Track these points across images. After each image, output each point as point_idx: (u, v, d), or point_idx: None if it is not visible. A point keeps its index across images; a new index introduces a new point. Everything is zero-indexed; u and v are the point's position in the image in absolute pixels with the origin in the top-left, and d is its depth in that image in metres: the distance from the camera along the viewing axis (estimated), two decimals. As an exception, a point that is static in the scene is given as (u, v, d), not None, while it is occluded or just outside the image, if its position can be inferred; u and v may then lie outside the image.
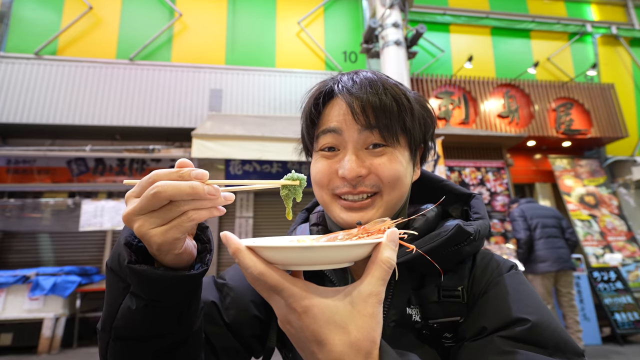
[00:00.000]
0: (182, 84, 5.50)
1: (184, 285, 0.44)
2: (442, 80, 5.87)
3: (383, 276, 0.38)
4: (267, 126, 4.89)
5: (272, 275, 0.37)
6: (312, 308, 0.36)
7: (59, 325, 4.02)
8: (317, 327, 0.36)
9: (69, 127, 5.14)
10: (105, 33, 5.56)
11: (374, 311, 0.37)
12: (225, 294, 0.63)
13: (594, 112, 6.21)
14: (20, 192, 5.12)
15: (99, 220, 4.66)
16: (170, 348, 0.47)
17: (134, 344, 0.45)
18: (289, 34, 6.17)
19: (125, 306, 0.43)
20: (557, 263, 3.62)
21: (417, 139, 0.61)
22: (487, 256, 0.61)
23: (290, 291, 0.37)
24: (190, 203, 0.39)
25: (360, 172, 0.55)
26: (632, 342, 4.23)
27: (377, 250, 0.39)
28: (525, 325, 0.48)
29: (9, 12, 5.33)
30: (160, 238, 0.39)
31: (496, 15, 6.88)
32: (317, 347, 0.36)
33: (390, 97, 0.56)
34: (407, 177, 0.59)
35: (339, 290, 0.38)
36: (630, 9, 7.55)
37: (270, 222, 5.53)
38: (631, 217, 5.99)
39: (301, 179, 0.48)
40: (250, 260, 0.37)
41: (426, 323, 0.55)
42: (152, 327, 0.45)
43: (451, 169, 5.36)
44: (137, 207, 0.38)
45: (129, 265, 0.41)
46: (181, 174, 0.39)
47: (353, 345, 0.36)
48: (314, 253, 0.37)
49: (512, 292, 0.53)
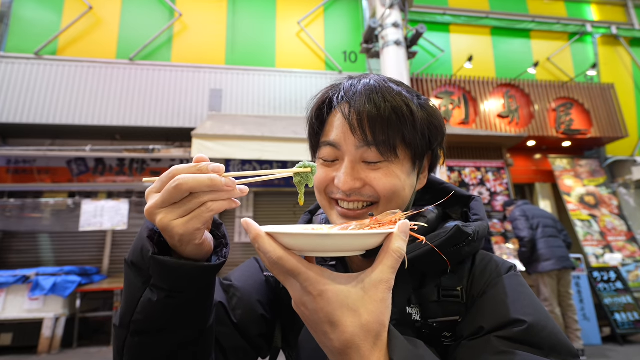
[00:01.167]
0: (182, 84, 5.50)
1: (203, 276, 0.46)
2: (442, 80, 5.87)
3: (393, 265, 0.40)
4: (267, 126, 4.89)
5: (290, 260, 0.39)
6: (326, 292, 0.39)
7: (59, 325, 4.02)
8: (330, 310, 0.38)
9: (69, 127, 5.14)
10: (105, 33, 5.56)
11: (384, 296, 0.40)
12: (232, 294, 0.64)
13: (594, 112, 6.21)
14: (20, 192, 5.12)
15: (99, 220, 4.66)
16: (186, 343, 0.49)
17: (152, 337, 0.47)
18: (289, 34, 6.17)
19: (145, 299, 0.45)
20: (560, 261, 3.66)
21: (420, 149, 0.59)
22: (486, 257, 0.62)
23: (306, 275, 0.39)
24: (209, 194, 0.42)
25: (354, 185, 0.56)
26: (632, 342, 4.23)
27: (389, 240, 0.41)
28: (522, 327, 0.48)
29: (9, 12, 5.33)
30: (182, 229, 0.41)
31: (496, 15, 6.88)
32: (330, 327, 0.39)
33: (389, 109, 0.55)
34: (407, 189, 0.59)
35: (352, 277, 0.41)
36: (630, 9, 7.55)
37: (270, 222, 5.51)
38: (631, 217, 5.99)
39: (312, 167, 0.51)
40: (270, 246, 0.39)
41: (426, 322, 0.55)
42: (172, 320, 0.47)
43: (451, 169, 5.36)
44: (159, 201, 0.41)
45: (153, 256, 0.43)
46: (199, 168, 0.42)
47: (364, 327, 0.38)
48: (330, 240, 0.39)
49: (510, 293, 0.54)
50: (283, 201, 5.69)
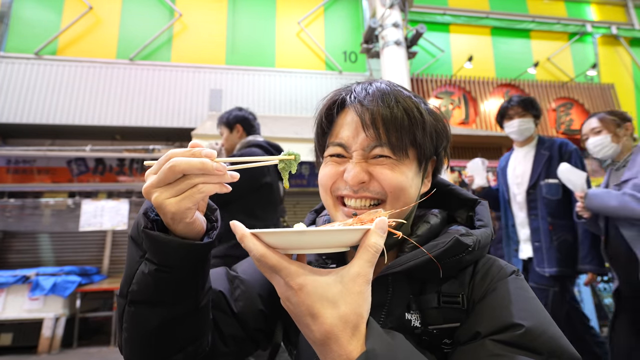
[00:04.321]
0: (182, 84, 5.50)
1: (191, 253, 0.49)
2: (442, 80, 5.87)
3: (370, 259, 0.42)
4: (267, 126, 4.88)
5: (272, 257, 0.42)
6: (306, 285, 0.41)
7: (59, 325, 4.01)
8: (311, 302, 0.41)
9: (69, 127, 5.14)
10: (105, 33, 5.56)
11: (361, 289, 0.41)
12: (235, 285, 0.66)
13: (593, 112, 6.17)
14: (20, 192, 5.12)
15: (99, 220, 4.66)
16: (176, 319, 0.52)
17: (144, 308, 0.50)
18: (289, 34, 6.17)
19: (140, 271, 0.49)
20: None
21: (428, 152, 0.60)
22: (488, 262, 0.60)
23: (287, 270, 0.42)
24: (201, 177, 0.45)
25: (363, 178, 0.57)
26: (632, 342, 4.23)
27: (366, 236, 0.43)
28: (518, 331, 0.47)
29: (9, 12, 5.33)
30: (174, 207, 0.45)
31: (496, 15, 6.88)
32: (311, 319, 0.41)
33: (401, 110, 0.57)
34: (413, 188, 0.59)
35: (331, 271, 0.43)
36: (630, 9, 7.55)
37: (270, 222, 5.53)
38: (631, 217, 5.99)
39: (296, 155, 0.55)
40: (253, 245, 0.42)
41: (426, 329, 0.55)
42: (162, 294, 0.50)
43: (451, 169, 5.36)
44: (155, 181, 0.45)
45: (144, 230, 0.47)
46: (193, 152, 0.45)
47: (342, 318, 0.40)
48: (307, 237, 0.42)
49: (509, 297, 0.53)
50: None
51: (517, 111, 2.39)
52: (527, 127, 2.37)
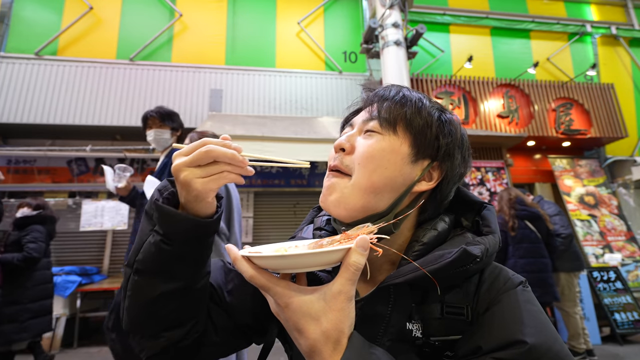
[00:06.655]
0: (182, 84, 5.50)
1: (195, 228, 0.52)
2: (442, 80, 5.87)
3: (350, 277, 0.44)
4: (267, 126, 4.89)
5: (260, 279, 0.46)
6: (292, 303, 0.45)
7: (59, 325, 4.02)
8: (296, 319, 0.44)
9: (69, 127, 5.14)
10: (105, 33, 5.56)
11: (342, 306, 0.44)
12: (229, 279, 0.67)
13: (593, 112, 6.21)
14: (20, 192, 5.12)
15: (99, 220, 4.66)
16: (174, 293, 0.54)
17: (147, 278, 0.53)
18: (289, 34, 6.17)
19: (148, 242, 0.53)
20: (580, 260, 3.64)
21: (427, 141, 0.59)
22: (495, 271, 0.57)
23: (274, 290, 0.45)
24: (229, 166, 0.50)
25: (343, 144, 0.61)
26: (631, 342, 4.23)
27: (347, 255, 0.45)
28: (522, 348, 0.45)
29: (9, 12, 5.34)
30: (201, 186, 0.49)
31: (496, 15, 6.88)
32: (297, 334, 0.45)
33: (401, 94, 0.62)
34: (394, 172, 0.57)
35: (315, 289, 0.46)
36: (630, 9, 7.55)
37: (270, 222, 5.53)
38: (631, 217, 5.99)
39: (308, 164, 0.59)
40: (244, 267, 0.46)
41: (427, 340, 0.53)
42: (162, 264, 0.53)
43: (451, 169, 5.35)
44: (188, 160, 0.49)
45: (155, 202, 0.52)
46: (225, 143, 0.50)
47: (324, 333, 0.43)
48: (290, 260, 0.44)
49: (514, 311, 0.50)
50: (283, 201, 5.68)
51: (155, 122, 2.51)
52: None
